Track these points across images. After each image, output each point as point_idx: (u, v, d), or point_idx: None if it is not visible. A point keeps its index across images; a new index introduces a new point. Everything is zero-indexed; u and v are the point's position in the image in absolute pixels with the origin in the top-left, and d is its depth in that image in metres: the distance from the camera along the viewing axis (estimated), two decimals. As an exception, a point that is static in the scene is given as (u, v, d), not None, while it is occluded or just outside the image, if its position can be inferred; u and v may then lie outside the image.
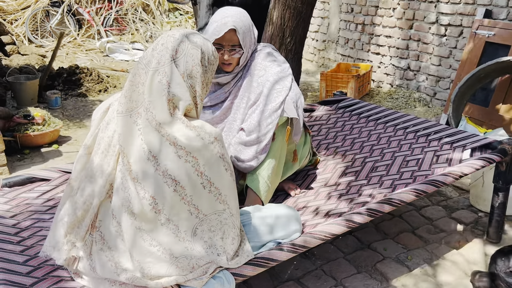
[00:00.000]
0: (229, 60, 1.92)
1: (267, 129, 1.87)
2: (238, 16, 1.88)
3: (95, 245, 1.40)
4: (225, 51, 1.90)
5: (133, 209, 1.34)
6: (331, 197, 2.00)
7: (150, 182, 1.32)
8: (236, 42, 1.89)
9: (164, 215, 1.35)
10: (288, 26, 2.70)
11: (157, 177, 1.31)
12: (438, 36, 4.49)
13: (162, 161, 1.31)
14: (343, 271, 2.12)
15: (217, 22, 1.87)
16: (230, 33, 1.87)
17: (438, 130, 2.50)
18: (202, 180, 1.37)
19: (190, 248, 1.39)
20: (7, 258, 1.55)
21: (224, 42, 1.88)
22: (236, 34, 1.87)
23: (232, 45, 1.90)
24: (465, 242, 2.36)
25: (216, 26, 1.86)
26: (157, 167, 1.31)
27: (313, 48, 6.39)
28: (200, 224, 1.41)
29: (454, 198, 2.81)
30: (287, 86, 1.91)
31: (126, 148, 1.34)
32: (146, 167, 1.32)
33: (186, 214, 1.38)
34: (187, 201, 1.36)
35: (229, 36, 1.87)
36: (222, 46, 1.89)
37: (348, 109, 2.92)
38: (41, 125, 3.57)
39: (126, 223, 1.36)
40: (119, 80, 5.51)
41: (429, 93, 4.68)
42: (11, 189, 2.07)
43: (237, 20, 1.87)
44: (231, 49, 1.90)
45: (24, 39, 6.87)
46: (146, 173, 1.32)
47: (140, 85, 1.36)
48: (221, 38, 1.87)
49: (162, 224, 1.35)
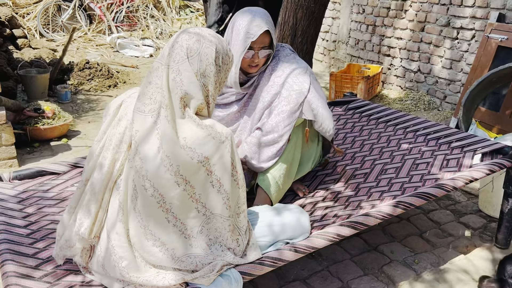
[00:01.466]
0: (258, 62, 1.91)
1: (284, 131, 1.86)
2: (267, 17, 1.88)
3: (104, 242, 1.41)
4: (256, 54, 1.88)
5: (140, 206, 1.35)
6: (340, 199, 2.00)
7: (160, 180, 1.32)
8: (267, 43, 1.89)
9: (171, 214, 1.35)
10: (300, 26, 2.69)
11: (168, 176, 1.31)
12: (449, 39, 4.46)
13: (174, 160, 1.31)
14: (350, 272, 2.11)
15: (248, 25, 1.84)
16: (264, 35, 1.86)
17: (449, 134, 2.48)
18: (212, 179, 1.37)
19: (194, 245, 1.39)
20: (17, 251, 1.56)
21: (255, 44, 1.87)
22: (270, 35, 1.87)
23: (262, 46, 1.89)
24: (473, 247, 2.34)
25: (249, 29, 1.83)
26: (169, 167, 1.31)
27: (323, 48, 6.37)
28: (207, 222, 1.41)
29: (462, 203, 2.79)
30: (306, 88, 1.90)
31: (140, 146, 1.34)
32: (158, 166, 1.32)
33: (194, 212, 1.38)
34: (195, 199, 1.37)
35: (262, 38, 1.86)
36: (252, 49, 1.88)
37: (358, 110, 2.91)
38: (51, 118, 3.59)
39: (133, 221, 1.36)
40: (129, 76, 5.53)
41: (439, 96, 4.65)
42: (21, 181, 2.08)
43: (268, 21, 1.87)
44: (262, 50, 1.89)
45: (36, 33, 6.91)
46: (158, 171, 1.32)
47: (156, 82, 1.37)
48: (254, 41, 1.85)
49: (169, 222, 1.36)
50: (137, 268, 1.36)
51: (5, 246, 1.57)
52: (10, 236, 1.64)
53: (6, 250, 1.54)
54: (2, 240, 1.60)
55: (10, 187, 2.02)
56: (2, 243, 1.59)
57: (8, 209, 1.84)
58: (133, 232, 1.37)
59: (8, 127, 3.07)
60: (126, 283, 1.38)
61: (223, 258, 1.42)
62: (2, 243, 1.59)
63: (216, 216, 1.41)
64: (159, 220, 1.35)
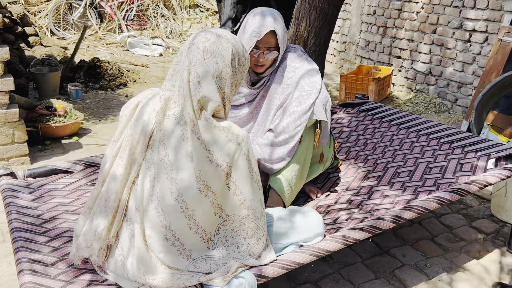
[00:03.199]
0: (264, 62, 1.91)
1: (296, 131, 1.86)
2: (276, 18, 1.88)
3: (121, 242, 1.41)
4: (261, 53, 1.89)
5: (164, 207, 1.35)
6: (353, 202, 1.99)
7: (184, 184, 1.33)
8: (273, 44, 1.89)
9: (193, 221, 1.36)
10: (313, 27, 2.68)
11: (189, 177, 1.32)
12: (462, 41, 4.43)
13: (196, 164, 1.32)
14: (361, 276, 2.10)
15: (256, 23, 1.85)
16: (269, 35, 1.86)
17: (462, 137, 2.47)
18: (228, 181, 1.37)
19: (211, 246, 1.40)
20: (32, 249, 1.58)
21: (261, 44, 1.87)
22: (275, 36, 1.87)
23: (268, 47, 1.89)
24: (485, 252, 2.32)
25: (255, 28, 1.84)
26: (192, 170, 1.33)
27: (333, 49, 6.35)
28: (223, 224, 1.42)
29: (474, 207, 2.77)
30: (317, 88, 1.90)
31: (162, 148, 1.35)
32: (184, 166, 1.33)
33: (212, 216, 1.39)
34: (212, 201, 1.37)
35: (267, 38, 1.86)
36: (258, 48, 1.88)
37: (370, 112, 2.90)
38: (63, 117, 3.61)
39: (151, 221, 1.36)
40: (139, 75, 5.54)
41: (450, 99, 4.62)
42: (35, 179, 2.10)
43: (276, 22, 1.86)
44: (267, 51, 1.89)
45: (47, 31, 6.96)
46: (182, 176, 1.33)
47: (175, 85, 1.38)
48: (259, 41, 1.85)
49: (190, 229, 1.37)
50: (152, 269, 1.36)
51: (21, 244, 1.58)
52: (25, 234, 1.65)
53: (21, 248, 1.55)
54: (17, 238, 1.61)
55: (24, 185, 2.03)
56: (17, 241, 1.60)
57: (22, 207, 1.85)
58: (150, 232, 1.37)
59: (20, 124, 3.09)
60: (141, 284, 1.38)
61: (238, 260, 1.42)
62: (17, 241, 1.60)
63: (233, 217, 1.41)
64: (181, 224, 1.36)
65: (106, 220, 1.39)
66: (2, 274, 2.05)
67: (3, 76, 2.93)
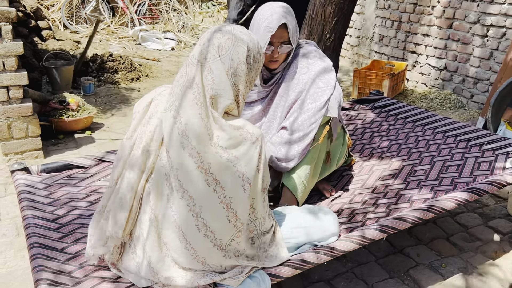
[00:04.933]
0: (278, 57, 1.88)
1: (310, 129, 1.83)
2: (287, 12, 1.84)
3: (137, 241, 1.40)
4: (275, 49, 1.86)
5: (176, 206, 1.33)
6: (367, 200, 1.96)
7: (190, 178, 1.30)
8: (286, 38, 1.85)
9: (201, 220, 1.32)
10: (328, 22, 2.64)
11: (198, 173, 1.30)
12: (479, 36, 4.34)
13: (205, 158, 1.29)
14: (375, 275, 2.08)
15: (268, 19, 1.82)
16: (281, 29, 1.82)
17: (480, 135, 2.42)
18: (243, 182, 1.34)
19: (225, 256, 1.37)
20: (46, 245, 1.58)
21: (274, 39, 1.84)
22: (287, 30, 1.83)
23: (282, 41, 1.86)
24: (502, 252, 2.28)
25: (268, 23, 1.81)
26: (200, 163, 1.29)
27: (346, 44, 6.28)
28: (237, 235, 1.37)
29: (490, 206, 2.72)
30: (332, 84, 1.87)
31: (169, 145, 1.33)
32: (189, 163, 1.30)
33: (225, 222, 1.34)
34: (225, 204, 1.33)
35: (280, 33, 1.83)
36: (271, 44, 1.85)
37: (384, 109, 2.86)
38: (76, 111, 3.62)
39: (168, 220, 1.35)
40: (151, 69, 5.54)
41: (465, 95, 4.54)
42: (49, 174, 2.10)
43: (287, 16, 1.83)
44: (281, 46, 1.86)
45: (60, 25, 6.99)
46: (188, 169, 1.30)
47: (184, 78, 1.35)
48: (273, 35, 1.82)
49: (199, 231, 1.33)
50: (166, 268, 1.35)
51: (35, 239, 1.58)
52: (39, 230, 1.65)
53: (36, 244, 1.55)
54: (31, 234, 1.61)
55: (38, 180, 2.04)
56: (31, 237, 1.60)
57: (36, 202, 1.86)
58: (166, 231, 1.35)
59: (34, 118, 3.11)
60: (154, 282, 1.37)
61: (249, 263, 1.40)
62: (32, 237, 1.60)
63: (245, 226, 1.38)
64: (190, 225, 1.33)
65: (122, 218, 1.38)
66: (16, 268, 2.06)
67: (17, 71, 2.94)
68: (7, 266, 2.07)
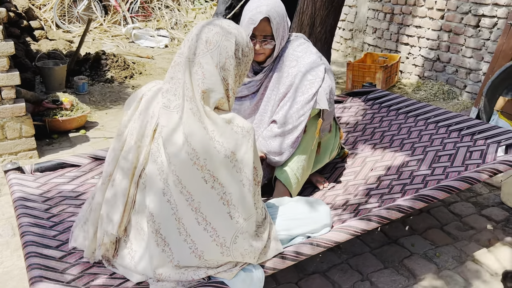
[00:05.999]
0: (261, 50, 1.89)
1: (299, 121, 1.84)
2: (272, 6, 1.84)
3: (131, 237, 1.41)
4: (257, 42, 1.86)
5: (174, 201, 1.34)
6: (360, 191, 1.97)
7: (188, 175, 1.31)
8: (269, 32, 1.86)
9: (200, 214, 1.33)
10: (319, 15, 2.65)
11: (195, 170, 1.30)
12: (471, 27, 4.35)
13: (201, 153, 1.30)
14: (370, 265, 2.09)
15: (252, 11, 1.83)
16: (264, 23, 1.83)
17: (471, 125, 2.43)
18: (242, 177, 1.33)
19: (226, 254, 1.36)
20: (40, 243, 1.58)
21: (257, 32, 1.85)
22: (270, 24, 1.84)
23: (264, 35, 1.86)
24: (496, 240, 2.30)
25: (252, 15, 1.82)
26: (196, 160, 1.30)
27: (339, 37, 6.28)
28: (241, 232, 1.36)
29: (484, 195, 2.74)
30: (320, 77, 1.88)
31: (167, 141, 1.33)
32: (186, 160, 1.30)
33: (227, 219, 1.34)
34: (226, 201, 1.32)
35: (262, 26, 1.84)
36: (254, 36, 1.86)
37: (377, 101, 2.87)
38: (69, 110, 3.62)
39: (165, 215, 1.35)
40: (145, 67, 5.53)
41: (458, 85, 4.56)
42: (42, 174, 2.10)
43: (271, 10, 1.83)
44: (263, 39, 1.87)
45: (52, 24, 6.96)
46: (185, 165, 1.31)
47: (178, 77, 1.35)
48: (254, 28, 1.84)
49: (199, 224, 1.33)
50: (162, 263, 1.36)
51: (29, 238, 1.58)
52: (33, 229, 1.66)
53: (30, 242, 1.56)
54: (25, 232, 1.62)
55: (32, 179, 2.04)
56: (25, 235, 1.60)
57: (30, 201, 1.86)
58: (164, 226, 1.35)
59: (28, 118, 3.10)
60: (149, 277, 1.38)
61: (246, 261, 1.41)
62: (26, 235, 1.60)
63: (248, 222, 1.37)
64: (190, 219, 1.33)
65: (117, 215, 1.39)
66: (12, 268, 2.07)
67: (9, 71, 2.94)
68: (4, 266, 2.08)
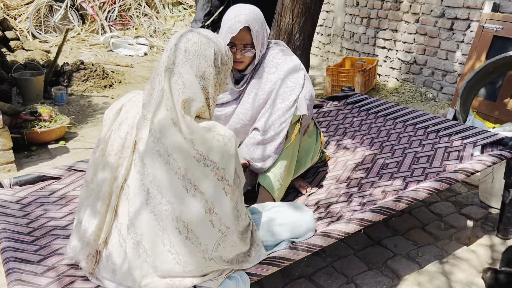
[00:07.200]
0: (241, 59, 1.90)
1: (281, 128, 1.86)
2: (251, 15, 1.85)
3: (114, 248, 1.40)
4: (238, 50, 1.88)
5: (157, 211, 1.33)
6: (343, 195, 2.00)
7: (168, 184, 1.31)
8: (248, 41, 1.87)
9: (182, 223, 1.32)
10: (296, 22, 2.68)
11: (176, 179, 1.30)
12: (445, 30, 4.46)
13: (182, 163, 1.30)
14: (354, 268, 2.12)
15: (231, 20, 1.84)
16: (243, 31, 1.84)
17: (448, 126, 2.49)
18: (224, 185, 1.34)
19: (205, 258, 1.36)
20: (22, 258, 1.55)
21: (237, 41, 1.86)
22: (250, 33, 1.85)
23: (244, 44, 1.88)
24: (475, 238, 2.35)
25: (231, 24, 1.83)
26: (177, 170, 1.30)
27: (318, 42, 6.35)
28: (223, 239, 1.36)
29: (463, 194, 2.80)
30: (300, 83, 1.90)
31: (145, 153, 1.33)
32: (167, 170, 1.30)
33: (209, 227, 1.33)
34: (208, 209, 1.32)
35: (242, 35, 1.85)
36: (234, 45, 1.87)
37: (356, 104, 2.91)
38: (48, 121, 3.57)
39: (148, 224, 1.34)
40: (124, 76, 5.50)
41: (435, 87, 4.66)
42: (22, 187, 2.07)
43: (250, 19, 1.84)
44: (243, 48, 1.88)
45: (28, 35, 6.86)
46: (166, 175, 1.30)
47: (158, 88, 1.35)
48: (234, 37, 1.85)
49: (180, 233, 1.32)
50: (144, 274, 1.35)
51: (10, 254, 1.55)
52: (13, 244, 1.62)
53: (11, 258, 1.53)
54: (6, 248, 1.59)
55: (11, 194, 2.00)
56: (6, 251, 1.57)
57: (10, 216, 1.83)
58: (148, 237, 1.34)
59: (5, 131, 3.05)
60: (135, 288, 1.37)
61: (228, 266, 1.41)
62: (6, 251, 1.57)
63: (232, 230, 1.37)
64: (172, 229, 1.33)
65: (93, 225, 1.38)
66: (-7, 284, 2.02)
67: (-15, 83, 2.89)
68: (-17, 283, 2.03)
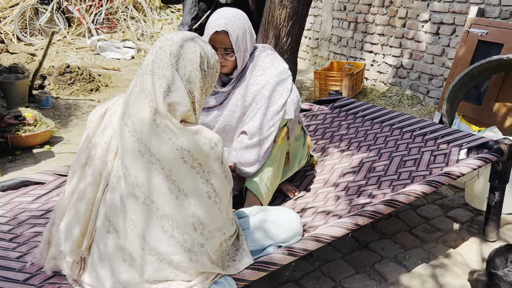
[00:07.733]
0: (224, 63, 1.89)
1: (269, 132, 1.85)
2: (232, 19, 1.85)
3: (96, 253, 1.37)
4: (219, 54, 1.86)
5: (134, 215, 1.32)
6: (330, 198, 1.99)
7: (152, 184, 1.29)
8: (228, 45, 1.86)
9: (167, 221, 1.31)
10: (284, 26, 2.68)
11: (159, 180, 1.29)
12: (431, 34, 4.50)
13: (165, 164, 1.28)
14: (342, 271, 2.12)
15: (212, 23, 1.84)
16: (222, 35, 1.83)
17: (434, 129, 2.50)
18: (208, 189, 1.33)
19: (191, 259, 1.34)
20: (3, 265, 1.52)
21: (216, 44, 1.85)
22: (228, 37, 1.84)
23: (225, 47, 1.87)
24: (461, 241, 2.37)
25: (210, 28, 1.83)
26: (161, 170, 1.28)
27: (306, 46, 6.38)
28: (205, 243, 1.35)
29: (449, 197, 2.82)
30: (289, 88, 1.90)
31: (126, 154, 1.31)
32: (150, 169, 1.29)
33: (190, 229, 1.32)
34: (190, 212, 1.32)
35: (221, 39, 1.84)
36: (215, 48, 1.86)
37: (343, 108, 2.92)
38: (33, 125, 3.52)
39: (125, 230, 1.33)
40: (111, 79, 5.45)
41: (422, 91, 4.70)
42: (4, 193, 2.03)
43: (230, 23, 1.83)
44: (224, 52, 1.87)
45: (13, 38, 6.77)
46: (149, 175, 1.29)
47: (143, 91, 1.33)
48: (213, 40, 1.84)
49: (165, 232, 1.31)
50: (130, 279, 1.33)
51: (-9, 261, 1.52)
52: (-5, 251, 1.59)
53: (-9, 265, 1.50)
54: (-13, 255, 1.55)
55: (-7, 199, 1.96)
56: (-13, 258, 1.54)
57: (-8, 222, 1.79)
58: (130, 241, 1.32)
59: (-12, 136, 3.00)
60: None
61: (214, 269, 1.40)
62: (-13, 258, 1.54)
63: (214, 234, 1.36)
64: (154, 228, 1.31)
65: (77, 232, 1.35)
66: (-26, 292, 1.98)
67: (-33, 87, 2.83)
68: (-36, 291, 1.98)
